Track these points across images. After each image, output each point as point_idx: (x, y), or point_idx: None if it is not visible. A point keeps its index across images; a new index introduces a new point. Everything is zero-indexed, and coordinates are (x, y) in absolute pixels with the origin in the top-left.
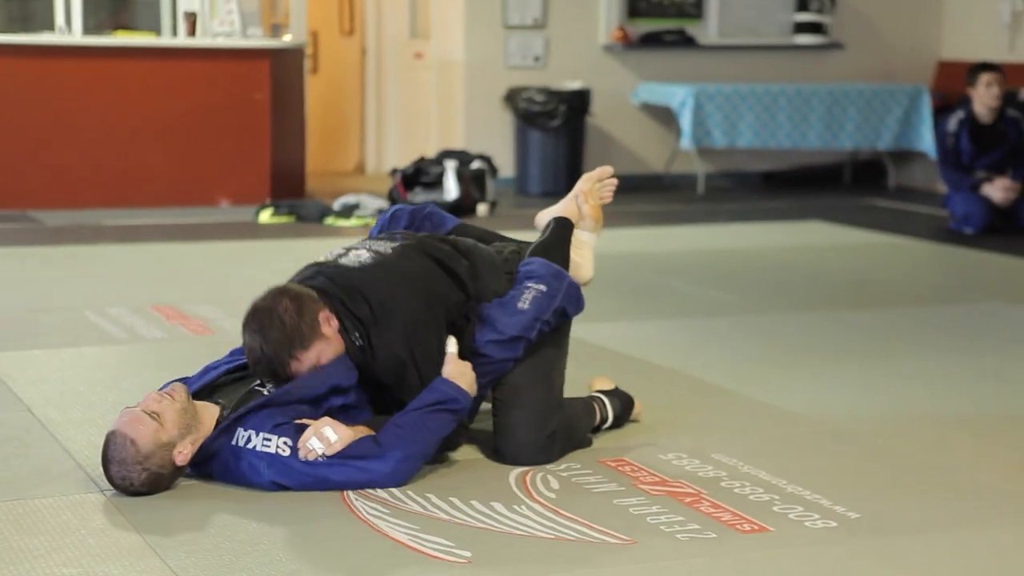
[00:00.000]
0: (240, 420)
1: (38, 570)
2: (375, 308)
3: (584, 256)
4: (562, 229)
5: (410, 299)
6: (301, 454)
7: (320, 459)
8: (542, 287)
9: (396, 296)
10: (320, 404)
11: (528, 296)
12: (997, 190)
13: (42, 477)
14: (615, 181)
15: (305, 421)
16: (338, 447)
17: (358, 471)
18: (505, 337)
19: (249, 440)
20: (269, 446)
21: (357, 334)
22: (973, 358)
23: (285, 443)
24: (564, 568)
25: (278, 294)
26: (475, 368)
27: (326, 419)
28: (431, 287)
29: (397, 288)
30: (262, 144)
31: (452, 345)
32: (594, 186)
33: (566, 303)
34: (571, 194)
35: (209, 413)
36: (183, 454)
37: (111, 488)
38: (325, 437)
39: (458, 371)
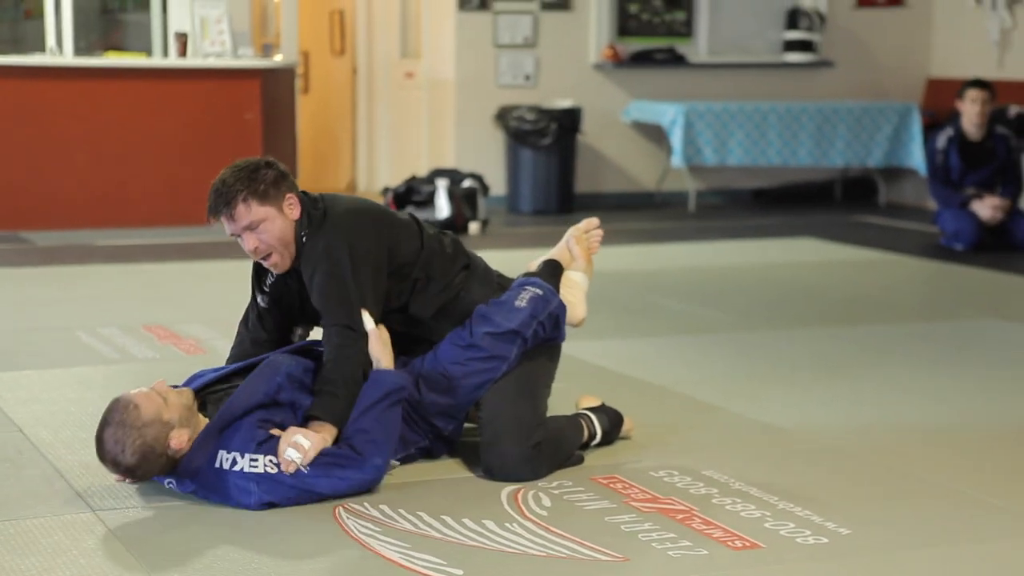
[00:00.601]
0: (218, 438)
1: None
2: (328, 211)
3: (576, 296)
4: (553, 266)
5: (365, 211)
6: (282, 467)
7: (304, 470)
8: (539, 291)
9: (355, 205)
10: (280, 403)
11: (525, 296)
12: (986, 208)
13: (33, 497)
14: (601, 232)
15: (276, 432)
16: (312, 453)
17: (341, 481)
18: (501, 330)
19: (235, 463)
20: (256, 466)
21: (304, 233)
22: (963, 374)
23: (271, 461)
24: None
25: (265, 165)
26: (466, 362)
27: (293, 428)
28: (391, 218)
29: (357, 202)
30: None
31: (370, 322)
32: (582, 236)
33: (559, 312)
34: (561, 241)
35: (201, 422)
36: (179, 440)
37: (108, 512)
38: (299, 445)
39: (381, 349)
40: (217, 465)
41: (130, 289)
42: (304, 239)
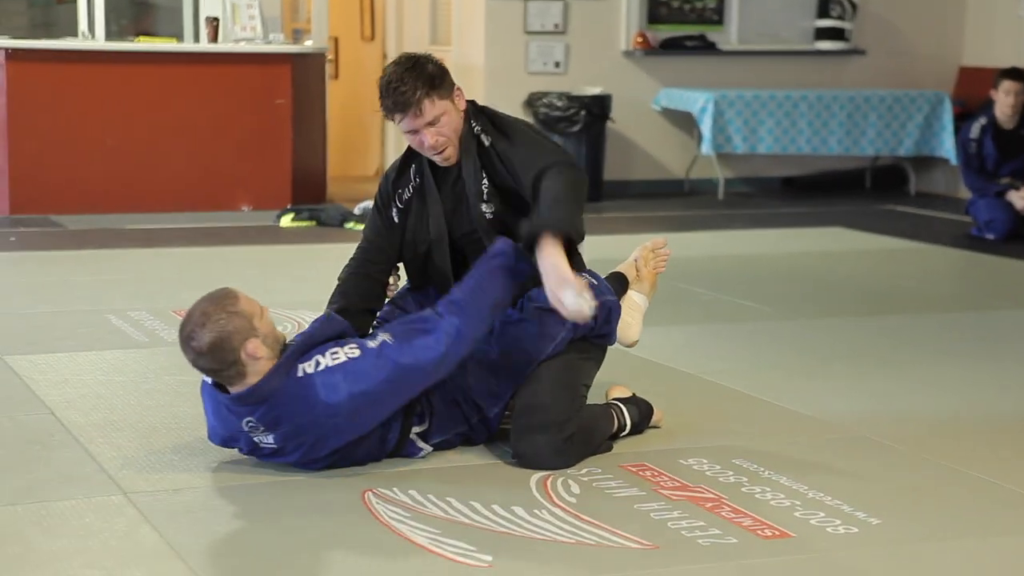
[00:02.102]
0: (296, 360)
1: (61, 573)
2: (497, 120)
3: (634, 316)
4: (617, 278)
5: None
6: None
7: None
8: (593, 280)
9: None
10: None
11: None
12: (1020, 198)
13: (65, 480)
14: (669, 252)
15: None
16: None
17: (423, 350)
18: (550, 306)
19: (317, 364)
20: (339, 356)
21: (478, 125)
22: (996, 365)
23: (351, 347)
24: (585, 572)
25: (427, 59)
26: (515, 339)
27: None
28: None
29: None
30: (283, 149)
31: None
32: (649, 254)
33: (613, 306)
34: (630, 257)
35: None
36: (255, 348)
37: (140, 494)
38: (583, 296)
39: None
40: (299, 375)
41: (160, 273)
42: (479, 128)
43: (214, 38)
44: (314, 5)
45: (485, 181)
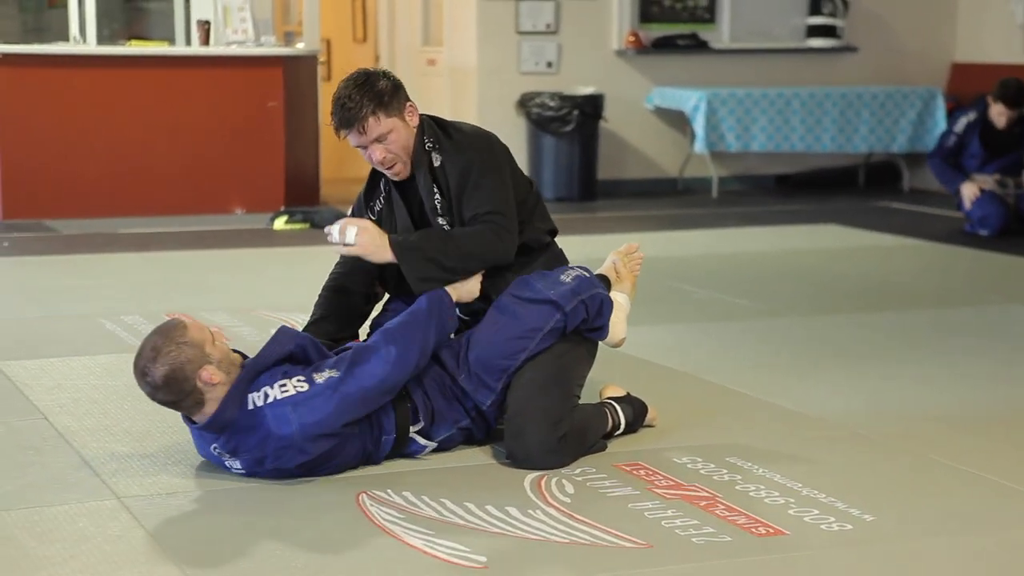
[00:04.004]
0: (247, 387)
1: None
2: (454, 135)
3: (617, 316)
4: (600, 279)
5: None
6: (327, 230)
7: (339, 239)
8: (585, 273)
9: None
10: (308, 360)
11: (572, 273)
12: (971, 193)
13: (58, 485)
14: (642, 256)
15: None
16: (354, 251)
17: (366, 377)
18: (540, 297)
19: (266, 396)
20: (287, 389)
21: (431, 142)
22: (990, 360)
23: (299, 380)
24: (579, 572)
25: (381, 75)
26: (502, 327)
27: (353, 219)
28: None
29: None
30: (276, 151)
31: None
32: (624, 258)
33: (605, 299)
34: (607, 261)
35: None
36: (210, 374)
37: (133, 498)
38: (345, 232)
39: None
40: (250, 407)
41: (153, 277)
42: (430, 146)
43: (205, 41)
44: (305, 7)
45: (437, 196)
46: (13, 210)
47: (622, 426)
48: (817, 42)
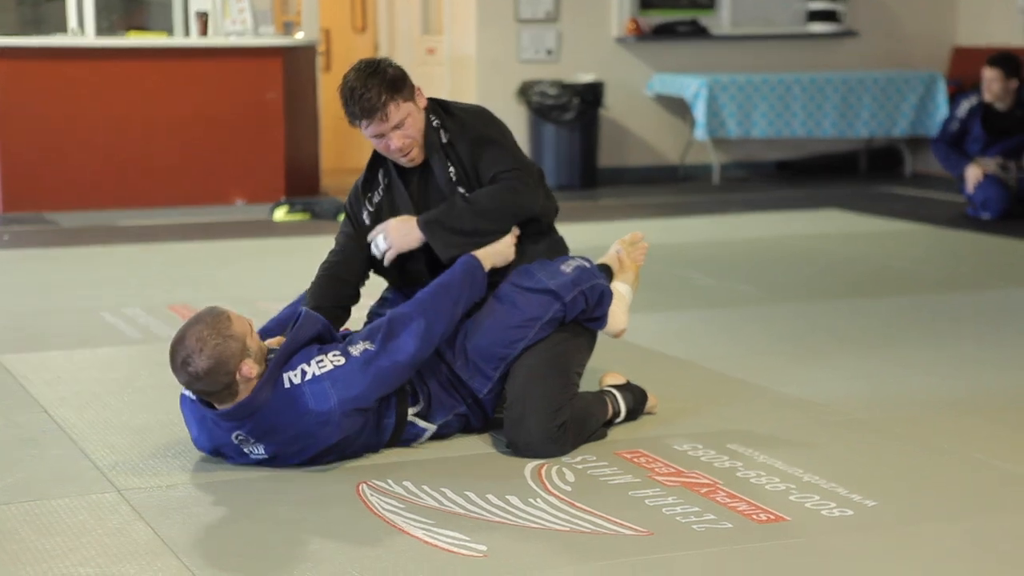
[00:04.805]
0: (281, 368)
1: (55, 570)
2: (456, 113)
3: (619, 306)
4: (601, 268)
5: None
6: (369, 237)
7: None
8: (585, 263)
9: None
10: (334, 339)
11: (572, 264)
12: (974, 176)
13: (58, 478)
14: (646, 245)
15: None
16: (392, 252)
17: (398, 351)
18: (540, 287)
19: (303, 373)
20: (324, 364)
21: (436, 120)
22: (992, 345)
23: (335, 355)
24: (580, 560)
25: (385, 63)
26: (501, 316)
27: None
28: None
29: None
30: (276, 142)
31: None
32: (628, 248)
33: (605, 289)
34: (611, 250)
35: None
36: (249, 368)
37: (133, 491)
38: (377, 244)
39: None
40: (286, 386)
41: (154, 269)
42: (437, 123)
43: (204, 32)
44: None
45: (452, 169)
46: (13, 203)
47: (622, 414)
48: (818, 27)
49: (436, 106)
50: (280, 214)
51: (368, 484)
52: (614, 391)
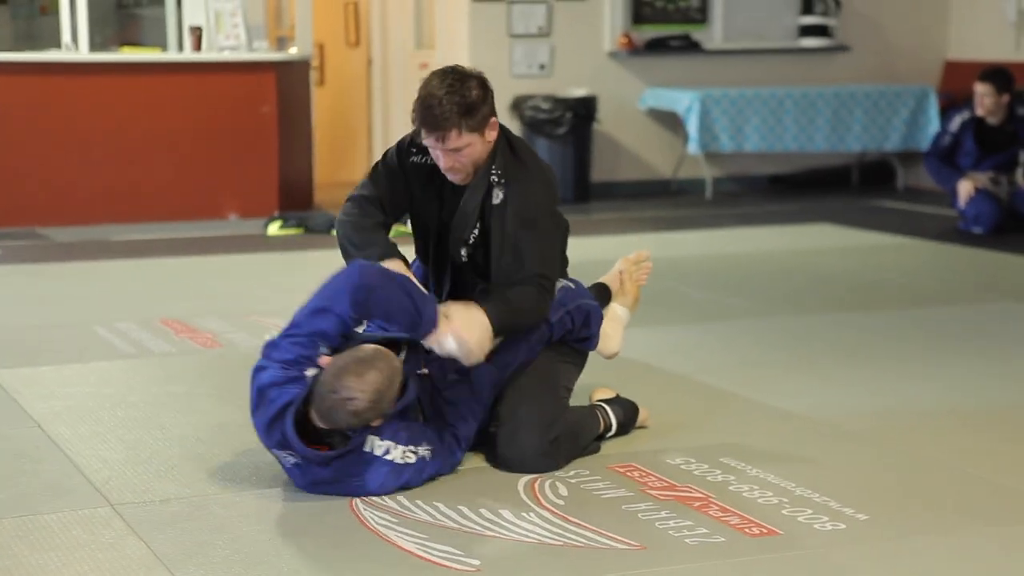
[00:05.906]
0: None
1: None
2: (523, 165)
3: (614, 328)
4: (599, 288)
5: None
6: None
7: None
8: (571, 284)
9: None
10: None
11: (557, 285)
12: (966, 190)
13: (52, 493)
14: (650, 265)
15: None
16: (473, 357)
17: (438, 466)
18: None
19: (387, 452)
20: (409, 458)
21: (497, 173)
22: (984, 359)
23: (409, 451)
24: (573, 575)
25: (476, 83)
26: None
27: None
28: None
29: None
30: (270, 157)
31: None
32: (631, 267)
33: (592, 310)
34: (614, 268)
35: None
36: (377, 424)
37: (127, 506)
38: (445, 347)
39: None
40: (366, 448)
41: (147, 284)
42: (495, 178)
43: (198, 47)
44: (298, 12)
45: (475, 233)
46: (5, 217)
47: (613, 427)
48: (810, 42)
49: (507, 151)
50: (273, 229)
51: (361, 499)
52: (605, 405)
